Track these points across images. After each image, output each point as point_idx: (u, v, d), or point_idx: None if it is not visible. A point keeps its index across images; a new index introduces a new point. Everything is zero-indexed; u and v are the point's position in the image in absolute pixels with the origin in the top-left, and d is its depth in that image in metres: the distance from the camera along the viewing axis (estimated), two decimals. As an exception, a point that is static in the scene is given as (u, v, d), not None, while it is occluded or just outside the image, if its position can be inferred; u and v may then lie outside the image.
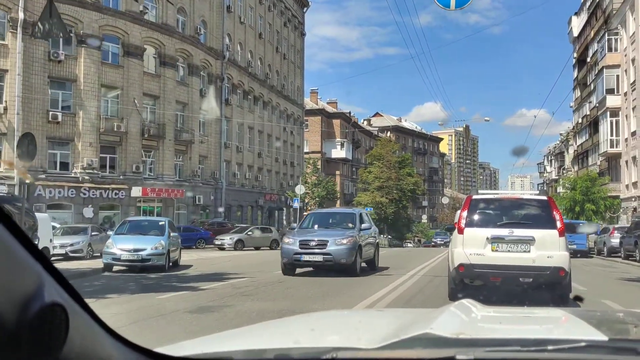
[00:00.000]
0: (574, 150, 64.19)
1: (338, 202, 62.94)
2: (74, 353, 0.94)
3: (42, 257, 0.94)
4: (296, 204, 37.81)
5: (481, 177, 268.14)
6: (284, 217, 52.46)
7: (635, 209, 36.47)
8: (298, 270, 13.95)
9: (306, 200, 43.83)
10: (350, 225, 14.49)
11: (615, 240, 24.98)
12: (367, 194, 59.47)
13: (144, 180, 33.75)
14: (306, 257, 13.26)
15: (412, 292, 10.96)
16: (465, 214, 9.01)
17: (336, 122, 75.92)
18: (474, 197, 9.48)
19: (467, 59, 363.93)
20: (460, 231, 8.90)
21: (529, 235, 8.59)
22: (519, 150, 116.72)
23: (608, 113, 43.29)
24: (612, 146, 42.86)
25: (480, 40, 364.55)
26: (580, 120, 60.24)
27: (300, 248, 13.28)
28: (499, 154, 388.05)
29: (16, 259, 0.87)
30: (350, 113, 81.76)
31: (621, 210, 34.94)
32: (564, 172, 68.73)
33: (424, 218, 69.89)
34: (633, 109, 39.13)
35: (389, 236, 62.00)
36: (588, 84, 55.90)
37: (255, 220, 46.98)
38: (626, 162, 40.60)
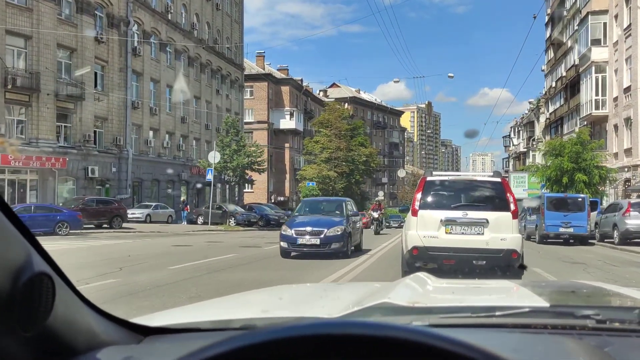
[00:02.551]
0: (546, 119, 57.94)
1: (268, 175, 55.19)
2: (58, 321, 1.00)
3: (28, 231, 0.98)
4: (209, 176, 29.83)
5: (443, 153, 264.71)
6: (218, 195, 44.73)
7: (627, 182, 29.98)
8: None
9: (224, 177, 35.83)
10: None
11: (634, 221, 18.24)
12: (313, 167, 51.74)
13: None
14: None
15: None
16: (419, 195, 9.03)
17: (285, 90, 67.78)
18: (428, 178, 9.33)
19: (431, 37, 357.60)
20: (414, 213, 8.98)
21: (483, 217, 8.70)
22: (471, 133, 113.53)
23: (593, 68, 36.63)
24: (597, 108, 36.31)
25: (445, 19, 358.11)
26: (553, 84, 53.83)
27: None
28: (461, 132, 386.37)
29: (5, 232, 0.92)
30: (302, 81, 73.77)
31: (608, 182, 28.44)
32: (534, 143, 62.59)
33: (380, 195, 62.51)
34: (626, 60, 32.48)
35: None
36: (564, 41, 49.39)
37: (178, 198, 39.06)
38: (615, 126, 34.06)
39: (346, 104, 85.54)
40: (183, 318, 1.43)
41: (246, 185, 60.57)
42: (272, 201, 54.16)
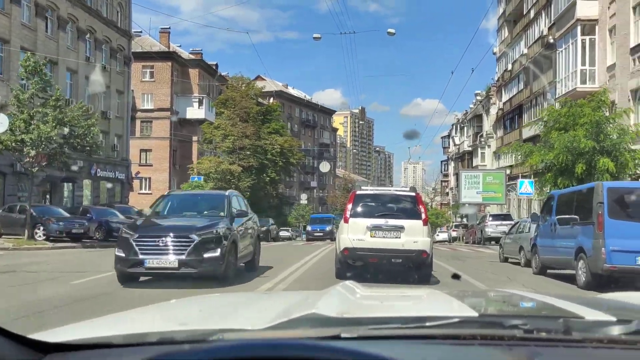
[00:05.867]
0: (498, 110, 49.49)
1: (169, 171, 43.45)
2: None
3: None
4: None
5: (376, 159, 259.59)
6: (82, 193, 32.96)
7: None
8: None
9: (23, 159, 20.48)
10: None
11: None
12: (210, 159, 40.43)
13: None
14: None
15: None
16: (350, 206, 10.70)
17: (195, 74, 56.10)
18: (358, 192, 11.33)
19: (367, 46, 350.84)
20: (346, 221, 10.56)
21: (400, 224, 10.32)
22: (411, 134, 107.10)
23: (578, 29, 27.74)
24: (583, 82, 27.40)
25: (381, 29, 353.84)
26: (509, 67, 45.36)
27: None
28: (394, 141, 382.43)
29: None
30: (217, 66, 62.34)
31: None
32: (482, 139, 54.13)
33: (304, 198, 51.85)
34: (634, 8, 23.58)
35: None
36: (526, 11, 40.90)
37: (12, 197, 27.17)
38: (612, 102, 25.01)
39: (271, 98, 74.97)
40: (91, 332, 1.35)
41: (142, 184, 48.56)
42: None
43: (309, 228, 39.42)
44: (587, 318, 1.38)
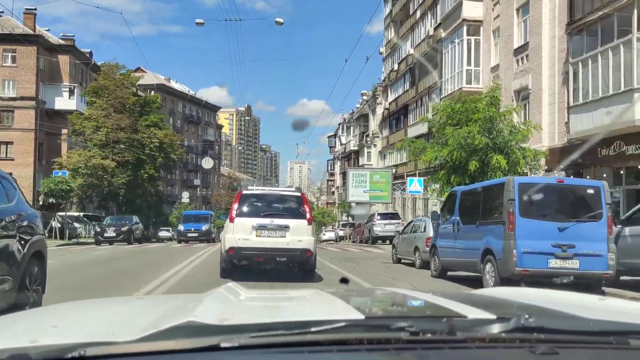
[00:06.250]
0: (384, 109, 49.89)
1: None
2: None
3: None
4: None
5: (262, 158, 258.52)
6: None
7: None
8: None
9: None
10: None
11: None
12: (79, 153, 36.67)
13: None
14: None
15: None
16: (236, 206, 10.77)
17: (65, 61, 51.08)
18: (244, 192, 11.48)
19: (255, 45, 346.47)
20: (232, 220, 10.60)
21: (285, 223, 10.47)
22: (299, 124, 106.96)
23: (464, 29, 28.00)
24: (469, 82, 27.68)
25: (267, 28, 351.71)
26: (395, 67, 45.75)
27: None
28: (281, 140, 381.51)
29: None
30: (91, 54, 57.52)
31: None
32: (368, 139, 54.47)
33: (185, 197, 49.01)
34: (518, 10, 24.02)
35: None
36: (412, 12, 41.33)
37: None
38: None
39: (152, 92, 70.92)
40: None
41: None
42: (41, 203, 38.13)
43: (181, 227, 32.89)
44: (470, 317, 1.35)
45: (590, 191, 9.04)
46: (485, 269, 9.41)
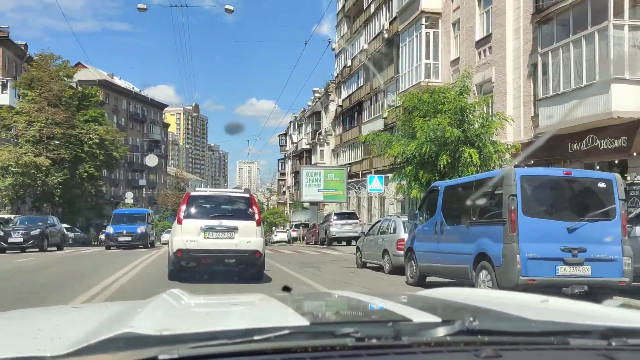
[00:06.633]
0: (337, 107, 48.72)
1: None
2: None
3: None
4: None
5: (210, 158, 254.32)
6: None
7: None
8: None
9: None
10: None
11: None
12: (8, 149, 33.58)
13: None
14: None
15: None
16: (184, 207, 10.64)
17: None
18: (192, 193, 11.26)
19: (202, 44, 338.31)
20: (179, 222, 10.48)
21: (234, 225, 10.43)
22: (233, 127, 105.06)
23: (423, 21, 27.00)
24: (427, 76, 26.68)
25: (215, 27, 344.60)
26: (349, 63, 44.61)
27: None
28: (229, 139, 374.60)
29: None
30: (26, 46, 53.86)
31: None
32: (321, 137, 53.18)
33: (129, 197, 46.36)
34: (479, 1, 23.15)
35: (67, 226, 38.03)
36: (366, 6, 40.24)
37: None
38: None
39: (97, 93, 67.50)
40: None
41: None
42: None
43: (109, 230, 26.11)
44: (415, 320, 1.35)
45: (602, 185, 7.71)
46: (478, 277, 8.00)
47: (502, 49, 21.13)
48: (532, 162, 15.96)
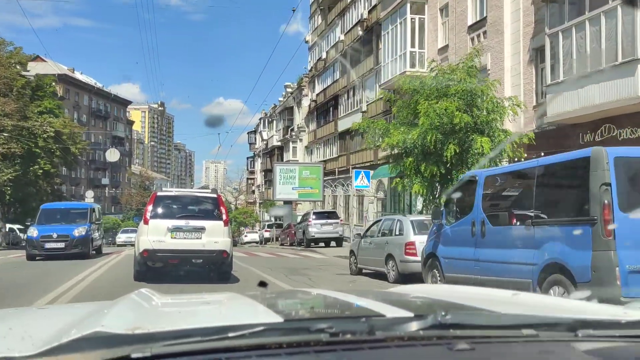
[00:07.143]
0: (311, 102, 46.73)
1: None
2: None
3: None
4: None
5: (176, 157, 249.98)
6: None
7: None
8: None
9: None
10: None
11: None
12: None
13: None
14: None
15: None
16: (150, 207, 10.62)
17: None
18: (159, 193, 11.35)
19: (169, 42, 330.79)
20: (146, 222, 10.45)
21: (201, 225, 10.47)
22: (213, 120, 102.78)
23: (408, 7, 25.21)
24: (413, 65, 24.91)
25: (182, 25, 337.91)
26: (324, 56, 42.66)
27: None
28: (196, 139, 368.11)
29: None
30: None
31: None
32: (293, 133, 51.12)
33: (89, 196, 43.33)
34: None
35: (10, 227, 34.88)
36: (343, -5, 38.35)
37: None
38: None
39: (53, 83, 64.06)
40: None
41: None
42: None
43: (33, 232, 18.88)
44: (388, 316, 1.35)
45: None
46: (550, 295, 5.79)
47: (499, 33, 19.47)
48: (542, 154, 14.30)
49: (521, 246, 6.53)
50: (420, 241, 10.36)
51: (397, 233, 11.37)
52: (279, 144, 56.00)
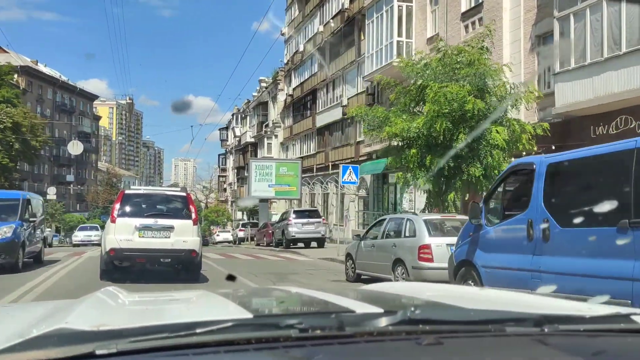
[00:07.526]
0: (287, 96, 45.11)
1: None
2: None
3: None
4: None
5: (145, 154, 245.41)
6: None
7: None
8: None
9: None
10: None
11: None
12: None
13: None
14: None
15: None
16: (118, 206, 10.54)
17: None
18: (127, 191, 11.33)
19: (138, 37, 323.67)
20: (113, 220, 10.36)
21: (170, 224, 10.40)
22: (180, 105, 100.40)
23: (396, -7, 23.81)
24: (400, 51, 23.54)
25: (151, 20, 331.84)
26: (301, 48, 41.08)
27: None
28: (165, 136, 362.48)
29: None
30: None
31: None
32: (268, 129, 49.41)
33: (52, 192, 40.83)
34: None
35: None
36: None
37: None
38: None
39: (16, 75, 61.01)
40: None
41: None
42: None
43: None
44: (358, 311, 1.36)
45: None
46: None
47: (497, 20, 18.18)
48: (553, 148, 13.02)
49: (612, 255, 5.04)
50: (437, 244, 8.93)
51: (408, 234, 9.85)
52: (253, 140, 54.21)
